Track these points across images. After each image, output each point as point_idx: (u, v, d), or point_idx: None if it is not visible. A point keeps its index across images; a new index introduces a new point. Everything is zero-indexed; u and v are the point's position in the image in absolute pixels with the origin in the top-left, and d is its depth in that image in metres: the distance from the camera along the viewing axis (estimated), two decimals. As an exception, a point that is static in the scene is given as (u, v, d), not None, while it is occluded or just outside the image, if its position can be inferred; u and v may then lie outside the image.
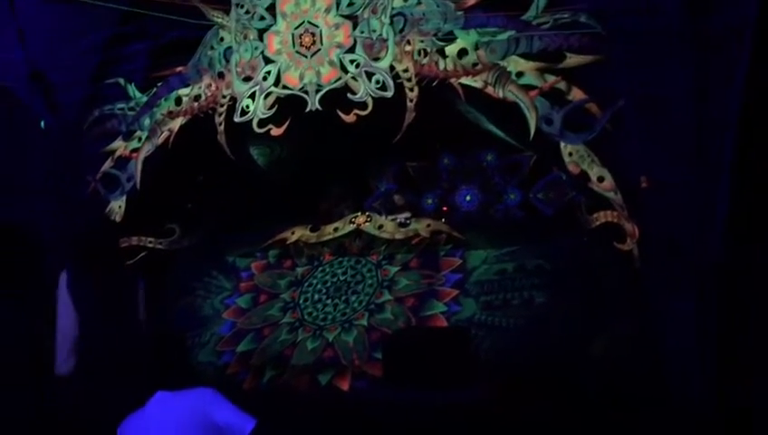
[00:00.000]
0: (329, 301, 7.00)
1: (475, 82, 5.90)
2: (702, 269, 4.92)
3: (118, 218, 7.17)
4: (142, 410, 2.89)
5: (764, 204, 4.91)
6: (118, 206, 7.20)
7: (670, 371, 5.05)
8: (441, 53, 6.01)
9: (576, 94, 5.56)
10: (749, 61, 4.63)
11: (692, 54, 4.87)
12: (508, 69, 5.78)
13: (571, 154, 5.59)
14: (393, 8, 6.15)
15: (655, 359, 5.10)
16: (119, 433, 2.89)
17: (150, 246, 7.53)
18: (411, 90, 6.12)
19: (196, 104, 6.87)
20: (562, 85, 5.59)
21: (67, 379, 4.16)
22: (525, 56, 5.73)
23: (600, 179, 5.49)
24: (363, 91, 6.23)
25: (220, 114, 6.72)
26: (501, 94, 5.79)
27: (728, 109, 4.73)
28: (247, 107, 6.57)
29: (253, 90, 6.56)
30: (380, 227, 7.57)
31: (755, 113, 4.65)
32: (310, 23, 6.38)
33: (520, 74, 5.74)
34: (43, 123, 6.98)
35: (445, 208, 8.11)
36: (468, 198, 8.13)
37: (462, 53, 5.94)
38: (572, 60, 5.54)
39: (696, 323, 4.93)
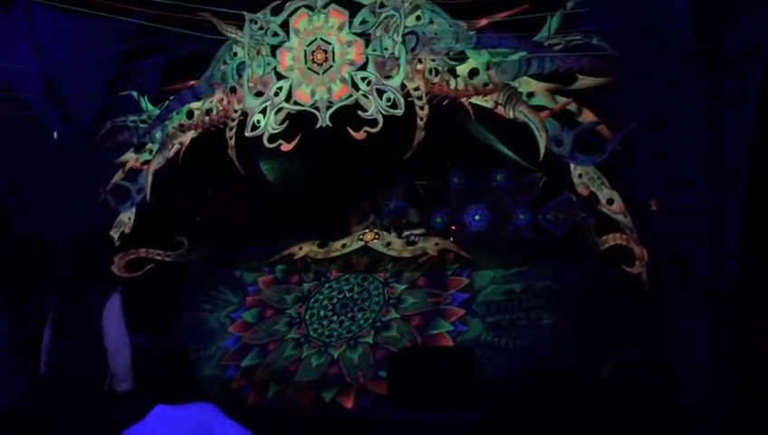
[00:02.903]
0: (335, 317, 6.97)
1: (485, 102, 5.90)
2: (713, 292, 4.89)
3: (127, 230, 7.21)
4: (141, 423, 2.87)
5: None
6: (127, 217, 7.23)
7: (683, 394, 4.99)
8: (452, 72, 6.02)
9: (587, 116, 5.54)
10: (761, 82, 4.62)
11: (703, 76, 4.86)
12: (519, 89, 5.77)
13: (580, 176, 5.57)
14: (405, 27, 6.16)
15: (666, 382, 5.05)
16: (118, 446, 2.88)
17: (158, 258, 7.55)
18: (422, 108, 6.12)
19: (207, 118, 6.91)
20: (573, 107, 5.58)
21: (127, 395, 4.21)
22: (537, 77, 5.73)
23: (610, 202, 5.47)
24: (374, 108, 6.25)
25: (231, 128, 6.75)
26: (511, 115, 5.78)
27: (739, 131, 4.72)
28: (258, 122, 6.60)
29: (264, 105, 6.59)
30: (388, 244, 7.55)
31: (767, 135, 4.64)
32: (322, 40, 6.41)
33: (531, 95, 5.74)
34: (55, 134, 7.04)
35: (453, 227, 8.10)
36: (477, 217, 8.12)
37: (473, 72, 5.95)
38: (584, 81, 5.53)
39: (708, 346, 4.89)
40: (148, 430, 2.81)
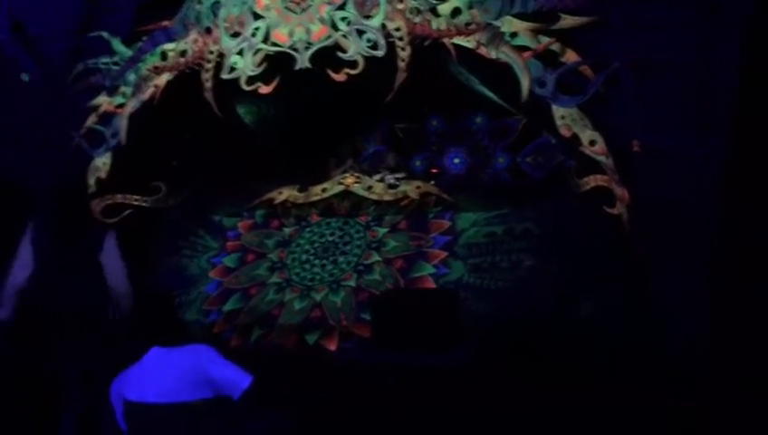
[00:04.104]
0: (317, 261, 6.98)
1: (468, 43, 5.81)
2: (694, 233, 4.93)
3: (102, 175, 7.07)
4: (137, 365, 2.85)
5: (762, 170, 4.89)
6: (102, 162, 7.08)
7: (661, 332, 5.07)
8: (434, 11, 5.90)
9: (570, 56, 5.49)
10: (749, 23, 4.57)
11: (692, 17, 4.80)
12: (502, 29, 5.70)
13: (563, 117, 5.53)
14: (386, -35, 6.01)
15: (645, 321, 5.14)
16: (114, 388, 2.85)
17: (135, 203, 7.43)
18: (403, 49, 6.01)
19: (182, 60, 6.73)
20: (556, 47, 5.51)
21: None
22: (520, 16, 5.63)
23: (592, 143, 5.45)
24: (354, 49, 6.12)
25: (207, 71, 6.58)
26: (494, 55, 5.71)
27: (727, 73, 4.69)
28: (235, 64, 6.44)
29: (241, 46, 6.42)
30: (369, 188, 7.53)
31: (755, 78, 4.61)
32: (300, -22, 6.23)
33: (514, 35, 5.66)
34: (26, 76, 6.82)
35: (434, 171, 8.07)
36: (457, 160, 8.09)
37: (455, 12, 5.83)
38: (567, 21, 5.45)
39: (687, 284, 4.95)
40: (145, 371, 2.80)
